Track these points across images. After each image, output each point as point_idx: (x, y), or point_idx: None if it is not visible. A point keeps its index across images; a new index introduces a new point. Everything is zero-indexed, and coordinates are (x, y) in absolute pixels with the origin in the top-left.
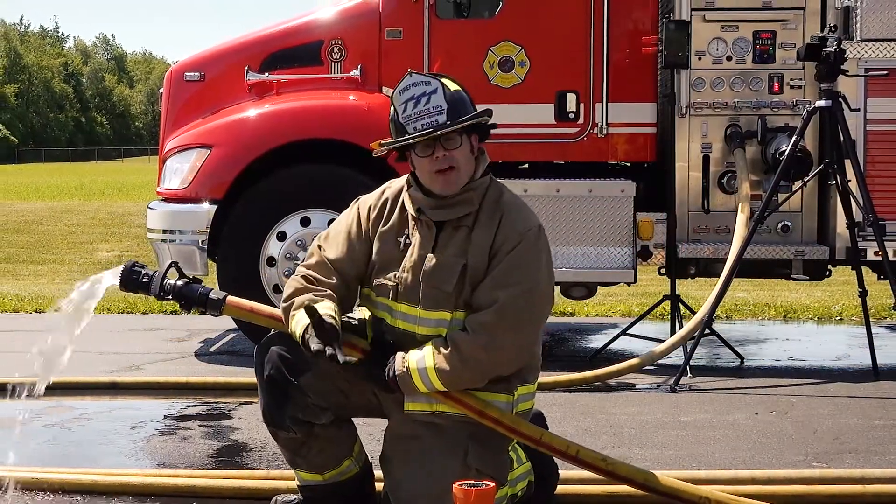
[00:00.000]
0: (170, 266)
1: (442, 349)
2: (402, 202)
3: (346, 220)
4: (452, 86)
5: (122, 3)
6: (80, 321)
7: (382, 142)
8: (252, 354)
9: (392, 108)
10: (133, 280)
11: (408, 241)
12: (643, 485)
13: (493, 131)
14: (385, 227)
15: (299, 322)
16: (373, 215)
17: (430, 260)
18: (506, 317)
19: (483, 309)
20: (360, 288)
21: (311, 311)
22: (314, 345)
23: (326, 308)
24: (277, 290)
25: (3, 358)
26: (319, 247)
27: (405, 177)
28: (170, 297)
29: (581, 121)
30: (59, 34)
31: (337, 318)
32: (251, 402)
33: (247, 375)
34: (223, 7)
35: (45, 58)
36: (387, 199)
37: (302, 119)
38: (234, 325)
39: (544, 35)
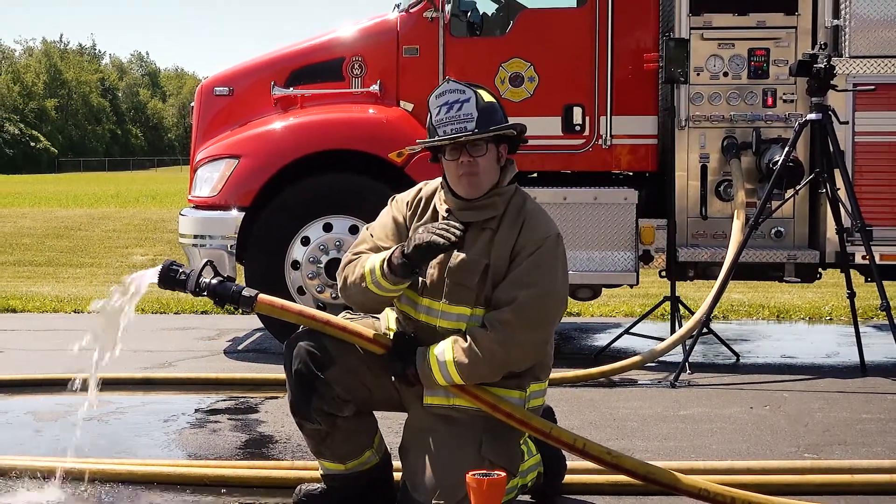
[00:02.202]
0: (205, 265)
1: (461, 344)
2: (435, 202)
3: (388, 214)
4: (487, 97)
5: (155, 22)
6: (125, 311)
7: (419, 141)
8: (277, 353)
9: (428, 110)
10: (171, 278)
11: None
12: (645, 477)
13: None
14: (419, 224)
15: (378, 257)
16: (409, 211)
17: (456, 258)
18: (523, 315)
19: (502, 307)
20: None
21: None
22: (421, 240)
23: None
24: (301, 291)
25: (45, 356)
26: (371, 234)
27: (439, 179)
28: (204, 293)
29: (587, 133)
30: (97, 51)
31: None
32: (277, 397)
33: (273, 372)
34: (251, 25)
35: (84, 73)
36: (421, 198)
37: (325, 131)
38: (260, 325)
39: (552, 52)
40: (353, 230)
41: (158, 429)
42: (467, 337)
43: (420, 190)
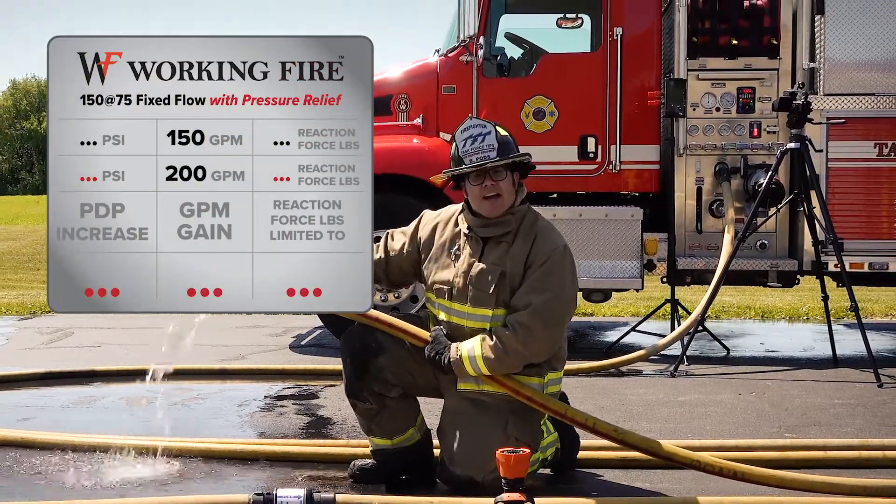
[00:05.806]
0: None
1: (488, 342)
2: (456, 221)
3: (410, 226)
4: (502, 131)
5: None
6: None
7: (446, 170)
8: (334, 347)
9: (453, 144)
10: None
11: (458, 252)
12: (647, 450)
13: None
14: (441, 240)
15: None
16: (426, 231)
17: (476, 267)
18: (538, 317)
19: (520, 310)
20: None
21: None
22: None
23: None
24: None
25: (137, 349)
26: (392, 238)
27: (460, 204)
28: None
29: (599, 159)
30: None
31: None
32: (335, 385)
33: (331, 364)
34: None
35: None
36: (443, 219)
37: (375, 158)
38: (320, 324)
39: (570, 90)
40: None
41: (233, 412)
42: (493, 336)
43: (442, 213)
